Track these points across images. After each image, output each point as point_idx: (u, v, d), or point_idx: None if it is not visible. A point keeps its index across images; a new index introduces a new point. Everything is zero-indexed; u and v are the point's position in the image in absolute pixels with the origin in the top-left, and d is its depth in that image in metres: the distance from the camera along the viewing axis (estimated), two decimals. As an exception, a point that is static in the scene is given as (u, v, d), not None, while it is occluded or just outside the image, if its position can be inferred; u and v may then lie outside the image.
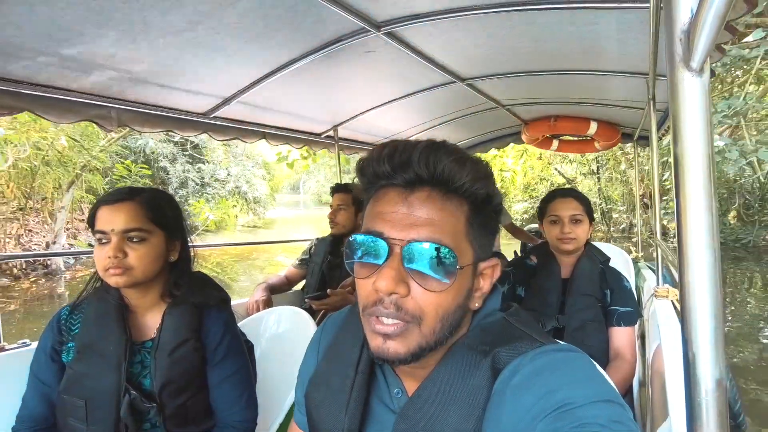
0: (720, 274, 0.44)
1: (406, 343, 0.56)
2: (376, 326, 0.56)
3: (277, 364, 1.59)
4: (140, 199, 1.07)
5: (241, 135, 2.39)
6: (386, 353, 0.56)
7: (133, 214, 1.04)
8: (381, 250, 0.56)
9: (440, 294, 0.56)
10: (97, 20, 1.23)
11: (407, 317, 0.55)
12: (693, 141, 0.43)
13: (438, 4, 1.43)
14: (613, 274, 1.67)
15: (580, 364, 0.54)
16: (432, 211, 0.56)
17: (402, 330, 0.55)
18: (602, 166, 13.62)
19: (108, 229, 1.02)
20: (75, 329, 1.09)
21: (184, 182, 15.33)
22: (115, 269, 1.01)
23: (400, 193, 0.57)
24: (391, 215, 0.56)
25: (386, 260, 0.55)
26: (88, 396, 1.02)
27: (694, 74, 0.42)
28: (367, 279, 0.57)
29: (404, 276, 0.55)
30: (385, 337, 0.56)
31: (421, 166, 0.55)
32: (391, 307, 0.55)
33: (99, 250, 1.02)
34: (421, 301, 0.55)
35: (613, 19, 1.46)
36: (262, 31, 1.47)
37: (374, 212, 0.59)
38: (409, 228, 0.55)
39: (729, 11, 0.36)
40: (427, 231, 0.55)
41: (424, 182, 0.56)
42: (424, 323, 0.56)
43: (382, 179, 0.58)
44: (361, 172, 0.61)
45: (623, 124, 3.26)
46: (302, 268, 2.43)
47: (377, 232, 0.56)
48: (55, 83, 1.54)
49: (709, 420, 0.43)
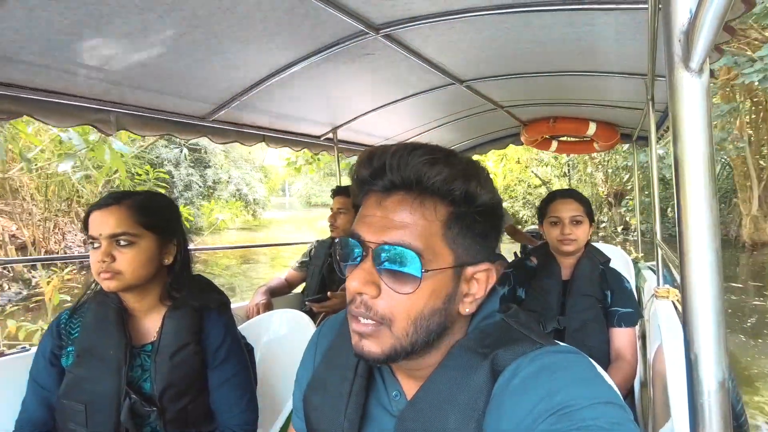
0: (721, 274, 0.44)
1: (379, 343, 0.57)
2: (352, 325, 0.58)
3: (277, 367, 1.58)
4: (129, 203, 1.06)
5: (240, 138, 2.39)
6: (361, 352, 0.58)
7: (121, 219, 1.04)
8: (357, 252, 0.58)
9: (409, 296, 0.56)
10: (96, 24, 1.23)
11: (377, 318, 0.56)
12: (693, 141, 0.43)
13: (436, 7, 1.43)
14: (614, 274, 1.67)
15: (580, 366, 0.54)
16: (403, 214, 0.56)
17: (373, 330, 0.56)
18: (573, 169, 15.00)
19: (97, 233, 1.02)
20: (74, 333, 1.09)
21: (189, 185, 16.02)
22: (105, 273, 1.02)
23: (377, 197, 0.59)
24: (368, 219, 0.58)
25: (360, 262, 0.57)
26: (88, 400, 1.01)
27: (694, 74, 0.42)
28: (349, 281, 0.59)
29: (375, 277, 0.56)
30: (360, 336, 0.58)
31: (392, 171, 0.56)
32: (361, 307, 0.56)
33: (92, 254, 1.03)
34: (390, 303, 0.56)
35: (611, 20, 1.46)
36: (260, 34, 1.47)
37: (357, 217, 0.61)
38: (382, 231, 0.56)
39: (728, 11, 0.36)
40: (399, 234, 0.56)
41: (398, 186, 0.57)
42: (394, 325, 0.56)
43: (366, 185, 0.60)
44: (351, 179, 0.63)
45: (622, 124, 3.26)
46: (302, 270, 2.43)
47: (356, 234, 0.58)
48: (54, 87, 1.54)
49: (712, 422, 0.43)
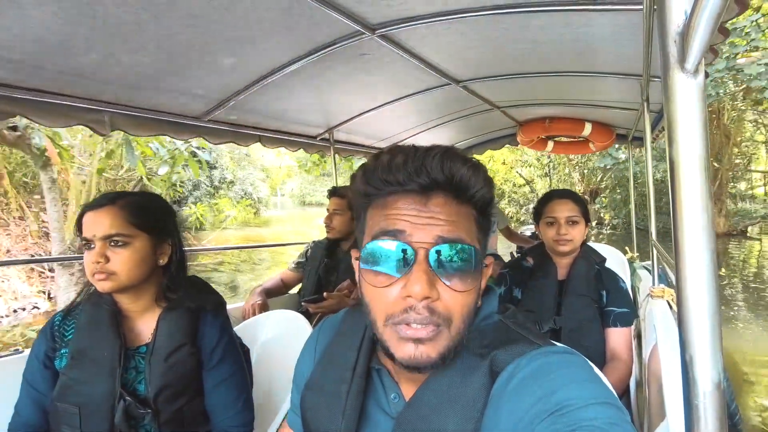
0: (717, 275, 0.44)
1: (437, 346, 0.55)
2: (406, 332, 0.55)
3: (273, 368, 1.58)
4: (122, 203, 1.06)
5: (236, 138, 2.38)
6: (419, 359, 0.55)
7: (114, 219, 1.03)
8: (405, 255, 0.55)
9: (465, 294, 0.56)
10: (90, 24, 1.22)
11: (439, 320, 0.55)
12: (688, 142, 0.43)
13: (432, 7, 1.43)
14: (609, 274, 1.68)
15: (577, 366, 0.54)
16: (450, 214, 0.57)
17: (434, 334, 0.55)
18: (553, 170, 16.53)
19: (90, 235, 1.02)
20: (68, 335, 1.08)
21: (197, 185, 16.95)
22: (99, 274, 1.01)
23: (416, 198, 0.57)
24: (412, 219, 0.56)
25: (413, 265, 0.54)
26: (82, 403, 1.00)
27: (689, 75, 0.42)
28: (389, 287, 0.56)
29: (434, 278, 0.55)
30: (417, 342, 0.55)
31: (437, 172, 0.55)
32: (425, 312, 0.54)
33: (86, 255, 1.03)
34: (450, 303, 0.55)
35: (606, 21, 1.46)
36: (256, 33, 1.47)
37: (387, 219, 0.57)
38: (431, 231, 0.55)
39: (723, 12, 0.36)
40: (450, 233, 0.56)
41: (440, 187, 0.57)
42: (453, 325, 0.56)
43: (392, 186, 0.57)
44: (365, 179, 0.60)
45: (617, 125, 3.27)
46: (298, 271, 2.42)
47: (398, 238, 0.56)
48: (48, 88, 1.53)
49: (707, 422, 0.43)
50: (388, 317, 0.56)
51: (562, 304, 1.64)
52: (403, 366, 0.56)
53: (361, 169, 0.61)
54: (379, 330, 0.58)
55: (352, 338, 0.69)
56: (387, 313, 0.56)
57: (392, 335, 0.56)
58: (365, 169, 0.60)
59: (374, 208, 0.60)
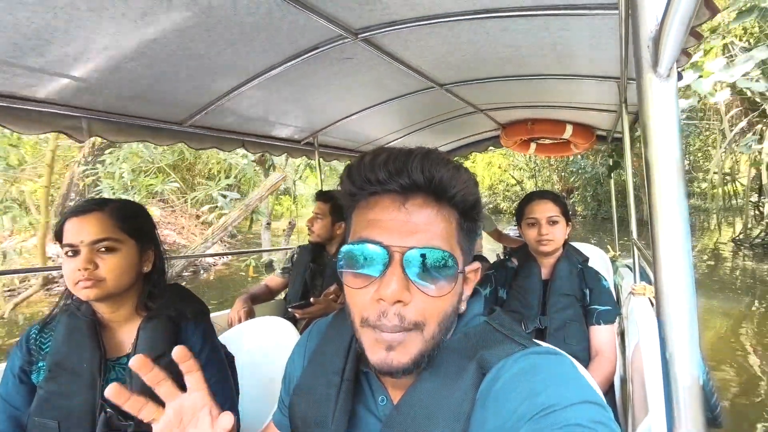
0: (692, 272, 0.45)
1: (409, 352, 0.55)
2: (378, 336, 0.55)
3: (259, 375, 1.56)
4: (109, 209, 1.04)
5: (218, 143, 2.35)
6: (390, 364, 0.55)
7: (103, 225, 1.01)
8: (380, 258, 0.55)
9: (440, 299, 0.56)
10: (66, 28, 1.20)
11: (410, 326, 0.54)
12: (663, 143, 0.44)
13: (414, 12, 1.44)
14: (592, 273, 1.71)
15: (562, 367, 0.55)
16: (428, 217, 0.56)
17: (404, 339, 0.55)
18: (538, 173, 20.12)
19: (77, 241, 0.99)
20: (45, 348, 1.05)
21: None
22: (86, 281, 0.98)
23: (395, 199, 0.57)
24: (389, 223, 0.56)
25: (387, 268, 0.54)
26: (62, 417, 0.97)
27: (662, 79, 0.43)
28: (364, 289, 0.56)
29: (407, 283, 0.54)
30: (389, 348, 0.55)
31: (417, 173, 0.55)
32: (395, 320, 0.54)
33: (68, 263, 0.99)
34: (423, 308, 0.55)
35: (584, 25, 1.49)
36: (237, 38, 1.45)
37: (367, 220, 0.58)
38: (407, 235, 0.55)
39: (693, 17, 0.37)
40: (426, 237, 0.55)
41: (419, 189, 0.56)
42: (426, 330, 0.55)
43: (374, 185, 0.57)
44: (349, 179, 0.60)
45: (598, 126, 3.34)
46: (285, 276, 2.40)
47: (375, 240, 0.56)
48: (21, 93, 1.49)
49: (688, 415, 0.44)
50: (362, 320, 0.56)
51: (547, 304, 1.66)
52: (376, 370, 0.57)
53: (347, 170, 0.61)
54: (357, 332, 0.58)
55: (339, 342, 0.69)
56: (362, 316, 0.56)
57: (367, 339, 0.57)
58: (350, 169, 0.60)
59: (358, 209, 0.60)
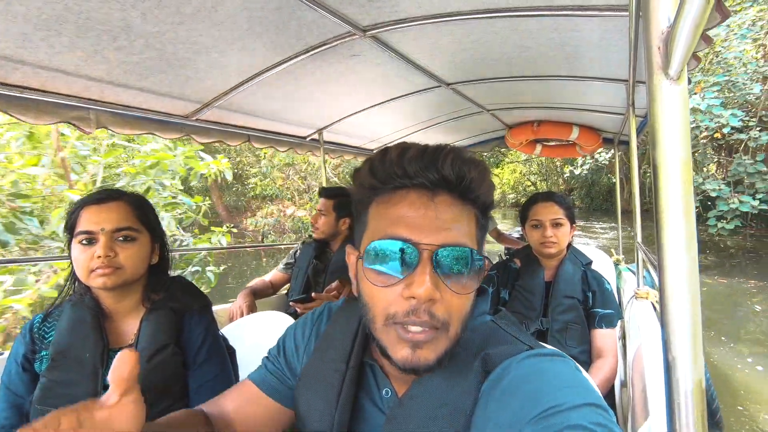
0: (697, 277, 0.44)
1: (436, 349, 0.55)
2: (405, 335, 0.54)
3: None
4: (127, 198, 1.06)
5: (224, 137, 2.36)
6: (417, 363, 0.54)
7: (123, 213, 1.03)
8: (410, 256, 0.54)
9: (465, 296, 0.56)
10: (76, 20, 1.20)
11: (438, 323, 0.54)
12: (671, 147, 0.44)
13: (423, 9, 1.44)
14: (595, 276, 1.70)
15: (565, 369, 0.55)
16: (455, 214, 0.56)
17: (432, 337, 0.54)
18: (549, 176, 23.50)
19: (97, 228, 1.00)
20: (49, 337, 1.06)
21: None
22: (105, 269, 0.99)
23: (423, 196, 0.56)
24: (418, 219, 0.55)
25: (417, 266, 0.54)
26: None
27: (672, 82, 0.43)
28: (391, 287, 0.55)
29: (437, 281, 0.54)
30: (415, 346, 0.54)
31: (448, 170, 0.55)
32: (425, 317, 0.53)
33: (83, 251, 1.00)
34: (450, 306, 0.55)
35: (594, 27, 1.49)
36: (246, 33, 1.46)
37: (394, 216, 0.56)
38: (437, 232, 0.55)
39: (704, 20, 0.37)
40: (454, 234, 0.55)
41: (447, 186, 0.56)
42: (452, 327, 0.55)
43: (402, 179, 0.56)
44: (371, 172, 0.59)
45: (604, 129, 3.32)
46: (287, 272, 2.41)
47: (404, 237, 0.55)
48: (31, 84, 1.50)
49: (688, 420, 0.44)
50: (388, 317, 0.55)
51: (549, 306, 1.65)
52: (399, 368, 0.56)
53: (368, 163, 0.60)
54: (378, 330, 0.57)
55: (344, 329, 0.69)
56: (388, 313, 0.55)
57: (391, 336, 0.56)
58: (372, 163, 0.59)
59: (379, 204, 0.59)
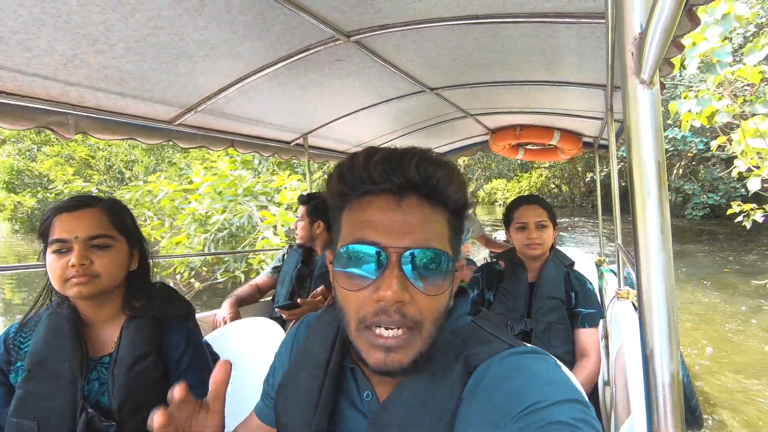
0: (673, 274, 0.46)
1: (409, 352, 0.55)
2: (377, 340, 0.55)
3: (246, 377, 1.54)
4: (102, 206, 1.04)
5: (207, 143, 2.33)
6: (391, 366, 0.55)
7: (97, 221, 1.00)
8: (378, 259, 0.55)
9: (437, 298, 0.57)
10: (53, 23, 1.18)
11: (410, 324, 0.55)
12: (645, 149, 0.45)
13: (405, 15, 1.46)
14: (578, 277, 1.73)
15: (546, 366, 0.56)
16: (423, 217, 0.57)
17: (405, 340, 0.55)
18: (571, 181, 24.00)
19: (70, 236, 0.97)
20: (25, 348, 1.03)
21: None
22: (81, 277, 0.96)
23: (390, 200, 0.57)
24: (385, 223, 0.56)
25: (386, 269, 0.54)
26: (41, 417, 0.95)
27: (645, 86, 0.45)
28: (361, 291, 0.56)
29: (406, 283, 0.55)
30: (388, 350, 0.55)
31: (413, 172, 0.55)
32: (396, 316, 0.54)
33: (56, 260, 0.97)
34: (422, 307, 0.55)
35: (572, 33, 1.52)
36: (229, 37, 1.45)
37: (362, 220, 0.57)
38: (404, 235, 0.55)
39: (675, 27, 0.38)
40: (422, 237, 0.56)
41: (415, 189, 0.57)
42: (424, 328, 0.56)
43: (368, 185, 0.57)
44: (340, 178, 0.59)
45: (585, 133, 3.39)
46: (275, 276, 2.39)
47: (371, 241, 0.55)
48: (7, 88, 1.46)
49: (666, 411, 0.45)
50: (359, 321, 0.56)
51: (533, 307, 1.68)
52: (374, 371, 0.57)
53: (337, 169, 0.60)
54: (352, 334, 0.58)
55: (323, 336, 0.69)
56: (359, 316, 0.56)
57: (364, 341, 0.56)
58: (341, 169, 0.59)
59: (349, 209, 0.60)
